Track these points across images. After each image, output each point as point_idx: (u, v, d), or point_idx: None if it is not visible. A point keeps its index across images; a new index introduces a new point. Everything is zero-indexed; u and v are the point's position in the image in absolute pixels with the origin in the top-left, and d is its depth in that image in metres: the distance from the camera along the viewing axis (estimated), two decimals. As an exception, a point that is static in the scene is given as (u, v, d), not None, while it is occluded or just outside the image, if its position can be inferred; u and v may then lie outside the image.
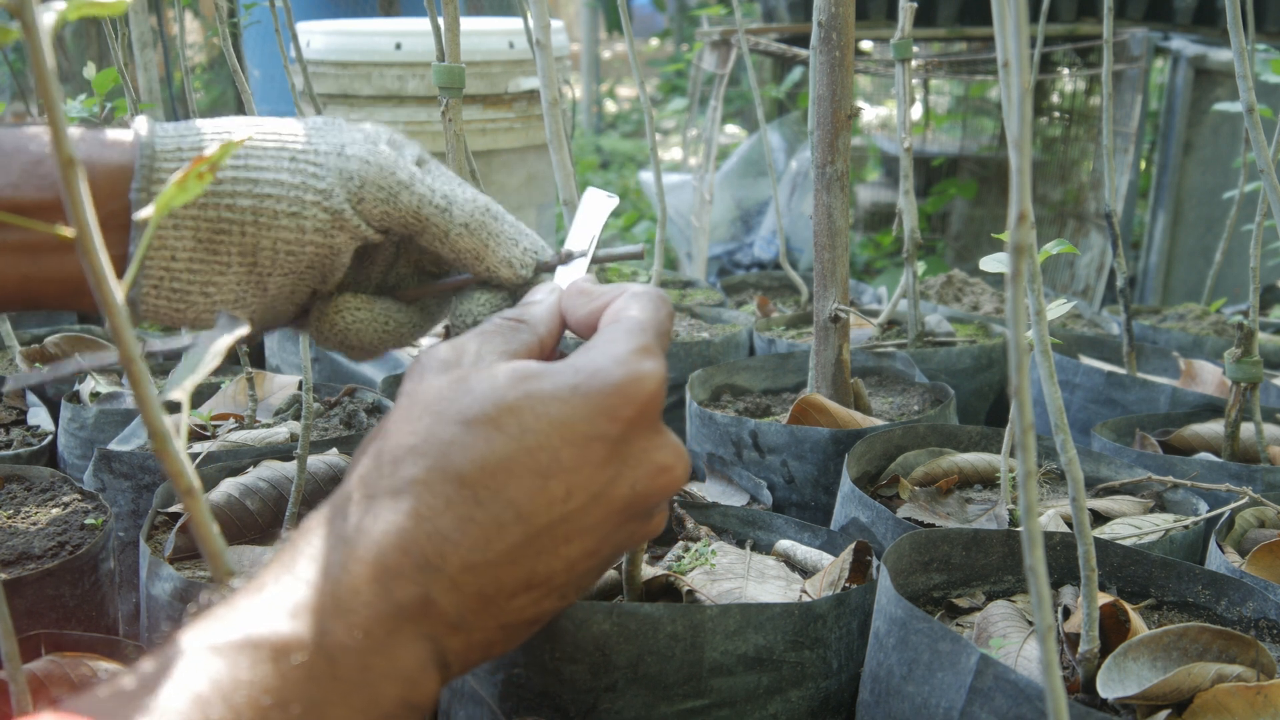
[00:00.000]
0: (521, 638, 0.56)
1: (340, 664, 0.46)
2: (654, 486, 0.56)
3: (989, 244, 3.17)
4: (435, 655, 0.51)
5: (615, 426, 0.54)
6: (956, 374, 1.50)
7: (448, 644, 0.51)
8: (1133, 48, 2.68)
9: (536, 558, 0.53)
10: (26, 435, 1.33)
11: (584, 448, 0.53)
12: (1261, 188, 1.01)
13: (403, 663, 0.49)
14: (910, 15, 1.41)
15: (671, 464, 0.57)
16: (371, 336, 0.67)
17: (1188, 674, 0.72)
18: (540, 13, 0.75)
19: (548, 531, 0.53)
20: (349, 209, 0.62)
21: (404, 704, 0.49)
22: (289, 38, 1.33)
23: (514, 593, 0.53)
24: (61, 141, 0.34)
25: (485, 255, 0.66)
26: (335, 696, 0.46)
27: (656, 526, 0.60)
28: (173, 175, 0.60)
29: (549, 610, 0.56)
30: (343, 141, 0.63)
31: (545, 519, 0.53)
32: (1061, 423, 0.71)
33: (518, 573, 0.52)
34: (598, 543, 0.55)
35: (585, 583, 0.57)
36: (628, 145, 6.19)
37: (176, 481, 0.41)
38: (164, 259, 0.61)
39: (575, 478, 0.53)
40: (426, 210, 0.64)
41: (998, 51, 0.49)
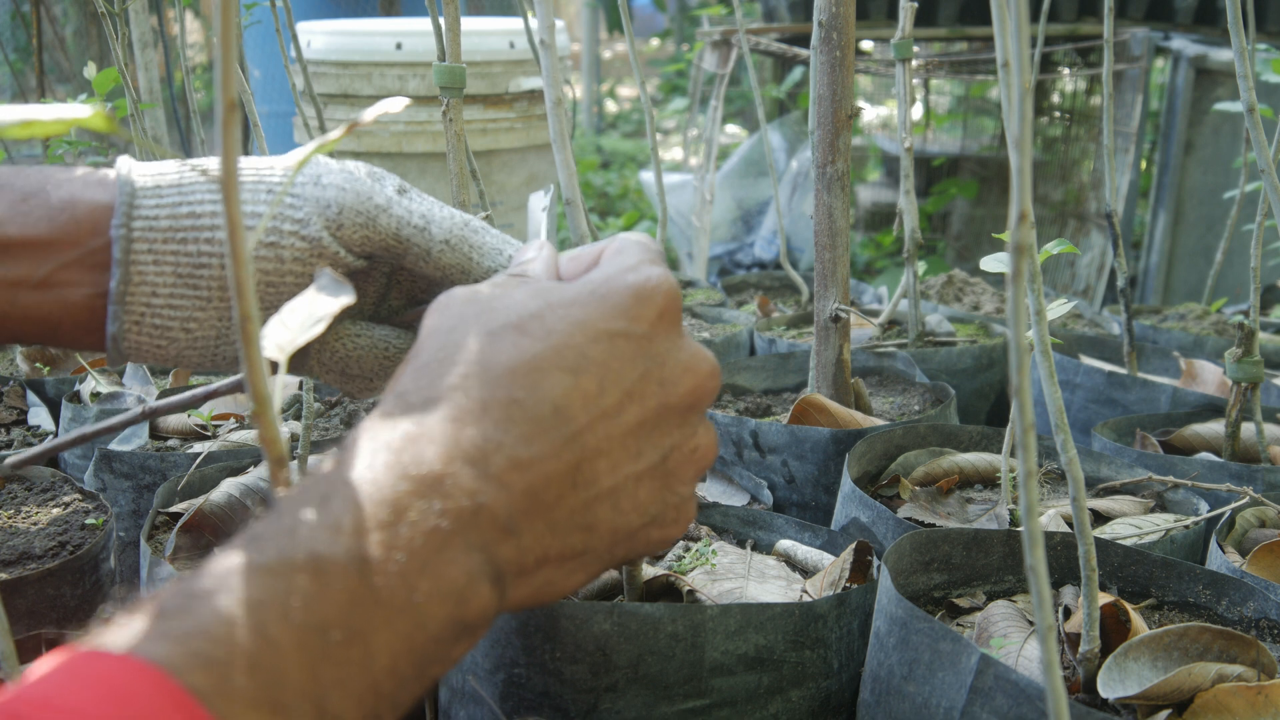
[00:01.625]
0: (575, 573, 0.54)
1: (382, 588, 0.44)
2: (684, 386, 0.55)
3: (990, 244, 3.17)
4: (487, 567, 0.49)
5: (638, 325, 0.54)
6: (957, 374, 1.50)
7: (500, 553, 0.49)
8: (1133, 47, 2.68)
9: (581, 455, 0.52)
10: (27, 435, 1.33)
11: (610, 344, 0.53)
12: (1262, 187, 1.01)
13: (451, 578, 0.47)
14: (911, 15, 1.41)
15: (698, 364, 0.56)
16: (372, 364, 0.68)
17: (1188, 674, 0.72)
18: (545, 13, 0.75)
19: (588, 429, 0.52)
20: (327, 236, 0.62)
21: (454, 623, 0.47)
22: (289, 38, 1.33)
23: (561, 491, 0.51)
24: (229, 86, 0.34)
25: (471, 268, 0.66)
26: (378, 622, 0.44)
27: (704, 449, 0.58)
28: (151, 209, 0.60)
29: (603, 524, 0.53)
30: (318, 172, 0.63)
31: (583, 416, 0.52)
32: (1062, 423, 0.71)
33: (563, 469, 0.51)
34: (639, 445, 0.54)
35: (637, 497, 0.55)
36: (628, 145, 6.19)
37: (269, 448, 0.42)
38: (145, 294, 0.61)
39: (605, 373, 0.53)
40: (406, 231, 0.64)
41: (998, 51, 0.49)
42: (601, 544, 0.54)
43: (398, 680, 0.45)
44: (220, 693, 0.38)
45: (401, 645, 0.45)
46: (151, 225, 0.61)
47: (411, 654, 0.45)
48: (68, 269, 0.60)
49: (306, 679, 0.41)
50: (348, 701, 0.42)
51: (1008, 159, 2.91)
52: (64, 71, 3.43)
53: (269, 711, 0.39)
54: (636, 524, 0.55)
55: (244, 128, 3.42)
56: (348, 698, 0.42)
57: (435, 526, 0.47)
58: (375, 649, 0.43)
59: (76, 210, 0.60)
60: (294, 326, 0.47)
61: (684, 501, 0.57)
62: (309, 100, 1.50)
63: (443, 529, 0.47)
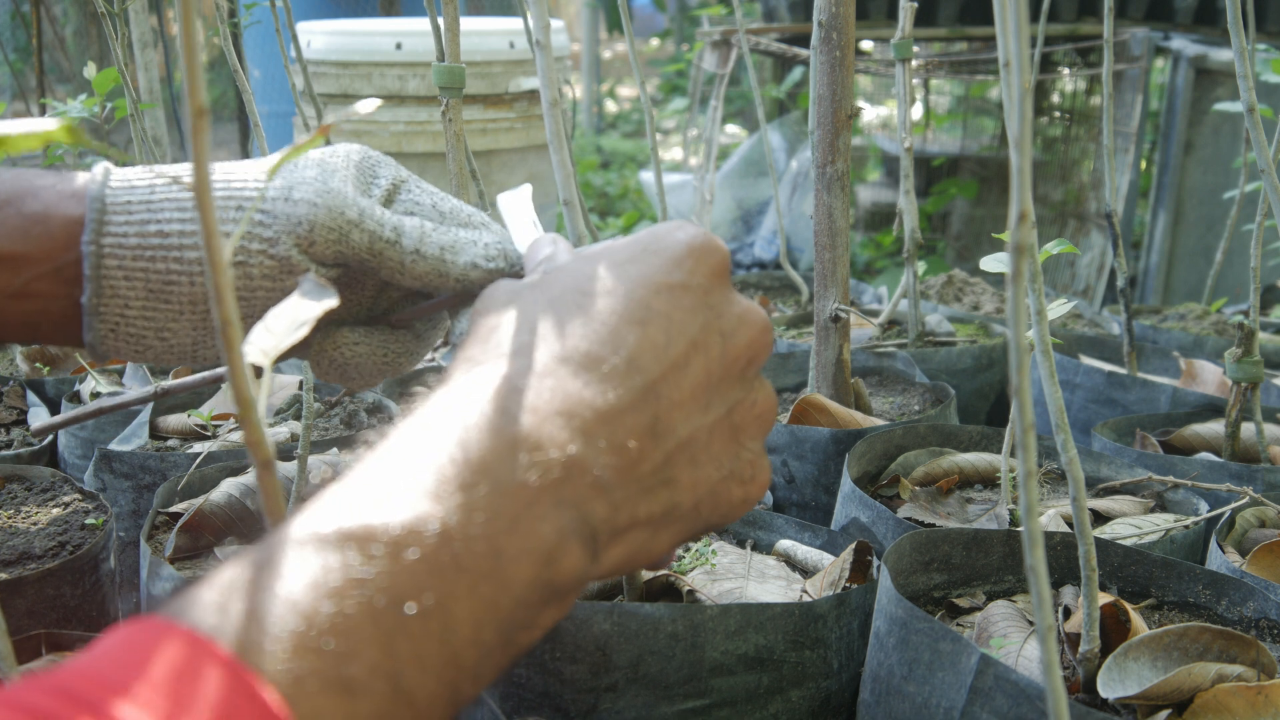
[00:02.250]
0: (663, 533, 0.52)
1: (464, 553, 0.42)
2: (742, 338, 0.55)
3: (989, 244, 3.17)
4: (578, 524, 0.46)
5: (695, 278, 0.54)
6: (957, 374, 1.50)
7: (593, 509, 0.47)
8: (1133, 47, 2.68)
9: (657, 406, 0.50)
10: (27, 435, 1.33)
11: (670, 296, 0.53)
12: (1262, 187, 1.01)
13: (541, 536, 0.44)
14: (911, 15, 1.41)
15: (752, 317, 0.56)
16: (371, 368, 0.67)
17: (1188, 674, 0.72)
18: (540, 13, 0.75)
19: (661, 380, 0.51)
20: (296, 254, 0.61)
21: (543, 586, 0.44)
22: (289, 38, 1.33)
23: (643, 445, 0.50)
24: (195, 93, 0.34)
25: (447, 269, 0.65)
26: (460, 589, 0.41)
27: (764, 405, 0.57)
28: (121, 226, 0.60)
29: (684, 478, 0.52)
30: (291, 184, 0.62)
31: (655, 367, 0.51)
32: (1062, 422, 0.71)
33: (644, 421, 0.50)
34: (707, 397, 0.53)
35: (712, 449, 0.54)
36: (628, 145, 6.19)
37: (256, 452, 0.40)
38: (118, 306, 0.61)
39: (670, 324, 0.52)
40: (379, 245, 0.63)
41: (998, 51, 0.49)
42: (686, 500, 0.53)
43: (481, 650, 0.42)
44: (289, 674, 0.37)
45: (485, 612, 0.42)
46: (120, 243, 0.61)
47: (496, 621, 0.43)
48: (42, 280, 0.61)
49: (381, 655, 0.39)
50: (426, 676, 0.40)
51: (1008, 159, 2.92)
52: (64, 71, 3.43)
53: (340, 691, 0.37)
54: (715, 478, 0.54)
55: (244, 128, 3.42)
56: (425, 672, 0.40)
57: (523, 482, 0.45)
58: (457, 619, 0.41)
59: (50, 224, 0.60)
60: (278, 331, 0.46)
61: (757, 458, 0.57)
62: (309, 100, 1.50)
63: (531, 485, 0.45)
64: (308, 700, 0.37)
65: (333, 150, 0.66)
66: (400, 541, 0.41)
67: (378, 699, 0.38)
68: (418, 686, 0.40)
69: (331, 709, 0.37)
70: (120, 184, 0.62)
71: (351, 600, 0.39)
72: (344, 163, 0.65)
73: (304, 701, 0.37)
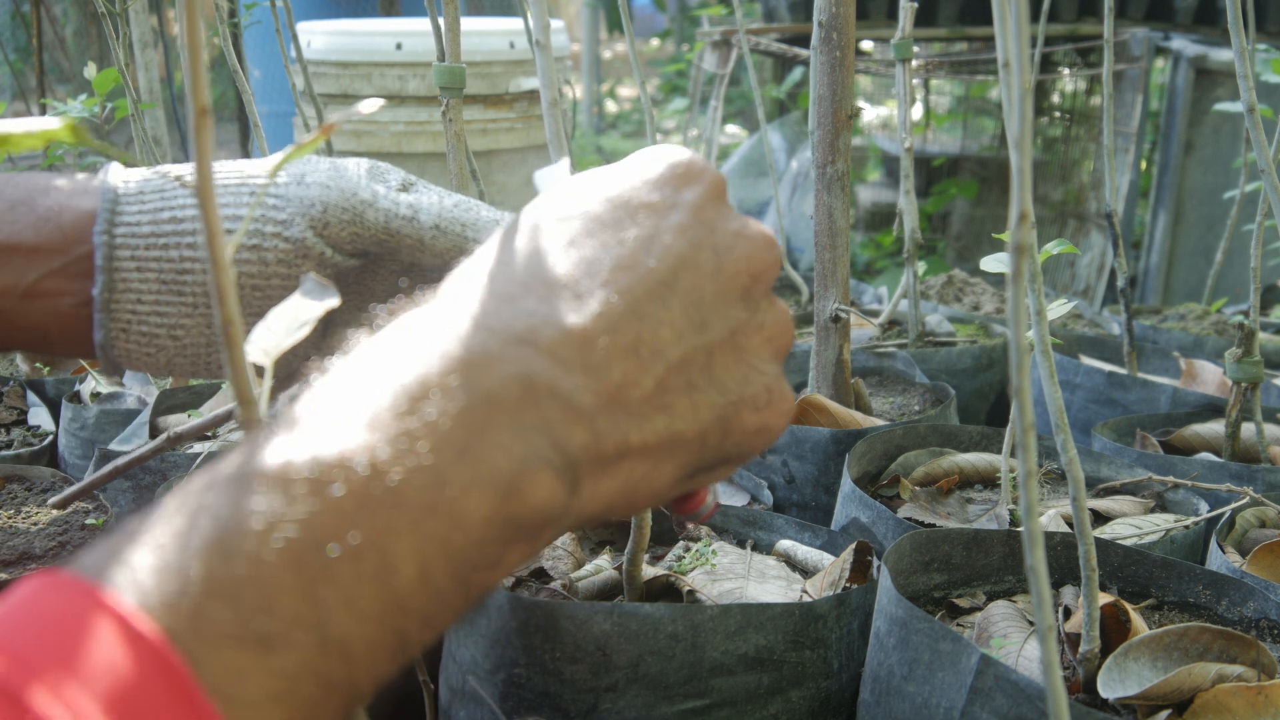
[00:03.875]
0: (663, 464, 0.47)
1: (403, 485, 0.38)
2: (738, 251, 0.51)
3: (990, 244, 3.17)
4: (548, 452, 0.42)
5: (682, 195, 0.50)
6: (957, 374, 1.50)
7: (568, 435, 0.42)
8: (1133, 48, 2.68)
9: (640, 325, 0.46)
10: (27, 435, 1.33)
11: (653, 213, 0.49)
12: (1262, 188, 1.01)
13: (494, 465, 0.40)
14: (911, 15, 1.42)
15: (751, 231, 0.52)
16: None
17: (1188, 674, 0.72)
18: (540, 13, 0.75)
19: (644, 297, 0.47)
20: (311, 236, 0.61)
21: (505, 521, 0.40)
22: (289, 38, 1.33)
23: (627, 367, 0.45)
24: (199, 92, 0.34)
25: (468, 246, 0.63)
26: (400, 525, 0.37)
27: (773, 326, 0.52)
28: (134, 215, 0.60)
29: (681, 403, 0.48)
30: (304, 171, 0.62)
31: (636, 285, 0.47)
32: (1062, 423, 0.71)
33: (624, 341, 0.45)
34: (701, 315, 0.49)
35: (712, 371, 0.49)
36: (629, 145, 6.19)
37: None
38: (130, 301, 0.61)
39: (651, 241, 0.48)
40: (395, 224, 0.62)
41: (998, 51, 0.49)
42: (688, 428, 0.48)
43: (431, 591, 0.38)
44: (196, 629, 0.34)
45: (434, 550, 0.38)
46: (134, 231, 0.60)
47: (448, 559, 0.39)
48: (53, 277, 0.60)
49: (302, 603, 0.35)
50: (362, 624, 0.36)
51: (1008, 159, 2.92)
52: (64, 71, 3.44)
53: (255, 645, 0.34)
54: (720, 403, 0.49)
55: (244, 128, 3.42)
56: (361, 619, 0.36)
57: (470, 405, 0.40)
58: (397, 558, 0.37)
59: (62, 218, 0.60)
60: (279, 331, 0.46)
61: (773, 382, 0.52)
62: (309, 100, 1.50)
63: (481, 409, 0.40)
64: (217, 655, 0.34)
65: (344, 159, 0.66)
66: (324, 477, 0.37)
67: (302, 651, 0.35)
68: (353, 635, 0.36)
69: (245, 664, 0.34)
70: (135, 176, 0.62)
71: (267, 545, 0.35)
72: (354, 164, 0.65)
73: (212, 657, 0.34)
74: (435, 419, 0.39)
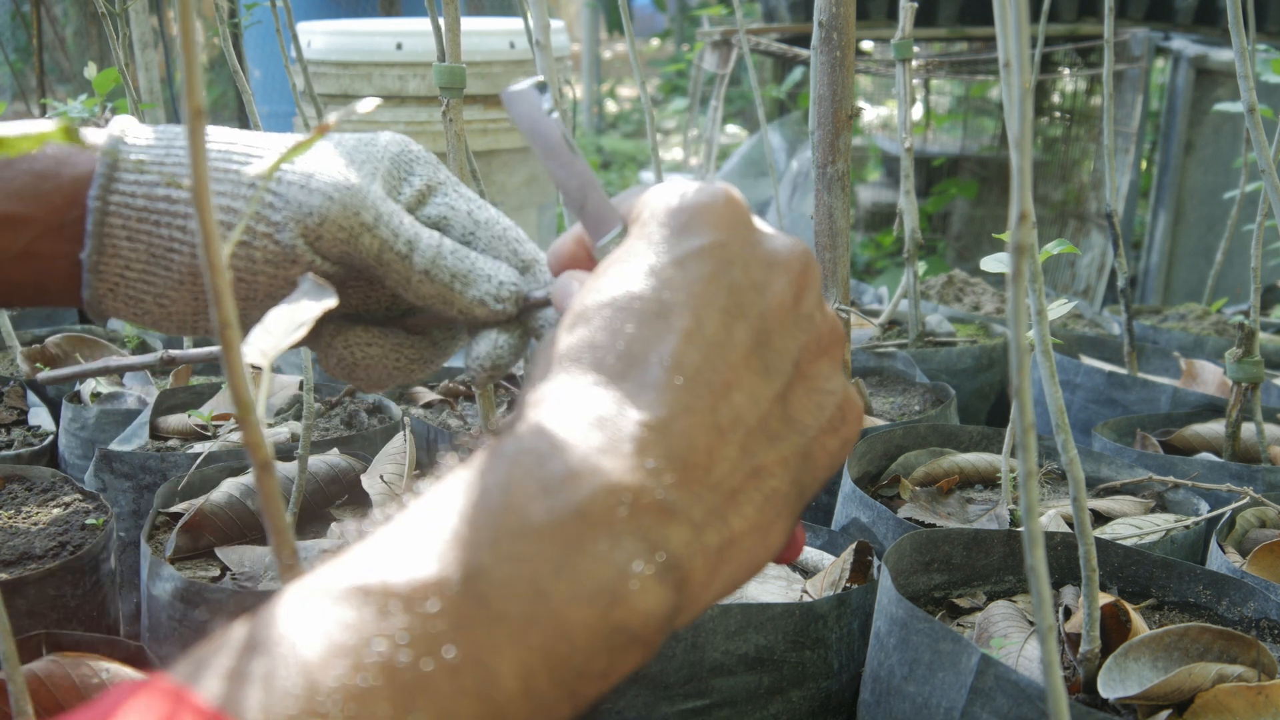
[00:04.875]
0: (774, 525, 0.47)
1: (500, 600, 0.38)
2: (777, 283, 0.49)
3: (990, 244, 3.17)
4: (649, 554, 0.41)
5: (700, 237, 0.48)
6: (957, 374, 1.50)
7: (666, 537, 0.42)
8: (1134, 48, 2.68)
9: (711, 396, 0.45)
10: (27, 435, 1.33)
11: (681, 270, 0.47)
12: (1262, 188, 1.01)
13: (595, 578, 0.40)
14: (911, 15, 1.41)
15: (783, 253, 0.49)
16: (381, 371, 0.65)
17: (1189, 674, 0.72)
18: (540, 13, 0.75)
19: (706, 367, 0.45)
20: (301, 244, 0.59)
21: (609, 630, 0.40)
22: (290, 38, 1.33)
23: (711, 443, 0.44)
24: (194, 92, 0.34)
25: (453, 299, 0.62)
26: (499, 640, 0.38)
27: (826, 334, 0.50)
28: (130, 186, 0.60)
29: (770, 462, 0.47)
30: (313, 171, 0.60)
31: (694, 355, 0.45)
32: (1062, 423, 0.71)
33: (700, 420, 0.44)
34: (763, 362, 0.47)
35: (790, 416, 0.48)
36: (629, 145, 6.19)
37: (255, 453, 0.39)
38: (118, 266, 0.60)
39: (692, 302, 0.46)
40: (388, 256, 0.60)
41: (999, 51, 0.49)
42: (782, 483, 0.47)
43: (534, 703, 0.39)
44: None
45: (538, 662, 0.38)
46: (128, 202, 0.60)
47: (552, 671, 0.39)
48: (46, 239, 0.60)
49: (399, 716, 0.36)
50: None
51: (1008, 159, 2.92)
52: (64, 72, 3.44)
53: None
54: (804, 443, 0.48)
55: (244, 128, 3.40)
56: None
57: (561, 522, 0.40)
58: (497, 672, 0.38)
59: (59, 179, 0.59)
60: (277, 332, 0.46)
61: (842, 397, 0.50)
62: (309, 100, 1.50)
63: (573, 523, 0.40)
64: None
65: (371, 138, 0.63)
66: (419, 595, 0.38)
67: None
68: None
69: None
70: (135, 143, 0.61)
71: (364, 658, 0.36)
72: (378, 155, 0.63)
73: None
74: (526, 540, 0.40)
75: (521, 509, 0.40)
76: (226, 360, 0.38)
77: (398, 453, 1.11)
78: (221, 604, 0.88)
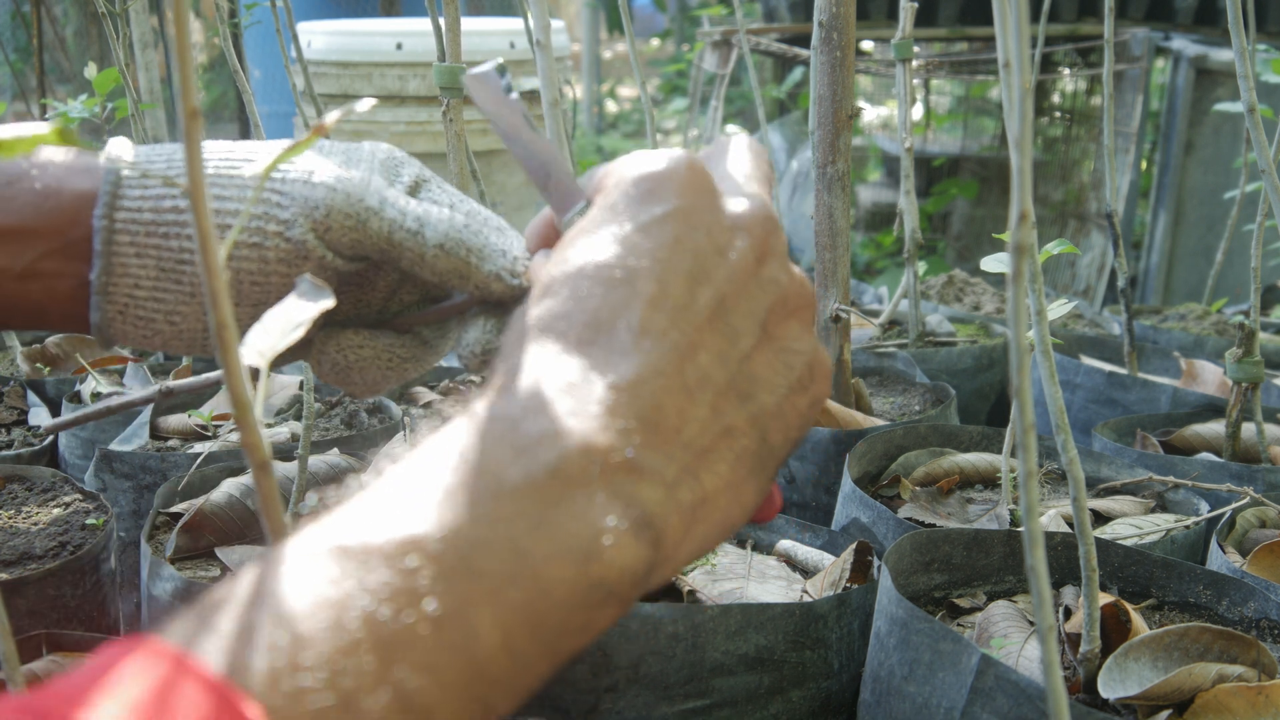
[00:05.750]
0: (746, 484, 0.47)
1: (480, 557, 0.39)
2: (739, 244, 0.49)
3: (990, 244, 3.17)
4: (624, 515, 0.42)
5: (663, 204, 0.48)
6: (957, 374, 1.50)
7: (640, 495, 0.43)
8: (1134, 48, 2.68)
9: (679, 358, 0.46)
10: (27, 435, 1.33)
11: (645, 238, 0.48)
12: (1262, 188, 1.01)
13: (573, 533, 0.41)
14: (911, 15, 1.42)
15: (745, 214, 0.50)
16: (375, 374, 0.65)
17: (1189, 674, 0.72)
18: (540, 13, 0.75)
19: (672, 329, 0.46)
20: (312, 239, 0.60)
21: (587, 586, 0.41)
22: (290, 38, 1.33)
23: (680, 404, 0.45)
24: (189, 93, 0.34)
25: (470, 273, 0.62)
26: (479, 595, 0.38)
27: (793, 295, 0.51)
28: (135, 200, 0.60)
29: (739, 421, 0.47)
30: (312, 168, 0.61)
31: (660, 319, 0.46)
32: (1062, 423, 0.71)
33: (668, 382, 0.45)
34: (729, 324, 0.48)
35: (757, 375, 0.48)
36: (629, 145, 6.19)
37: (253, 454, 0.39)
38: (127, 286, 0.60)
39: (657, 269, 0.47)
40: (399, 235, 0.61)
41: (999, 51, 0.49)
42: (751, 440, 0.48)
43: (515, 659, 0.40)
44: (280, 693, 0.35)
45: (517, 619, 0.39)
46: (135, 218, 0.59)
47: (532, 628, 0.40)
48: (50, 258, 0.59)
49: (384, 669, 0.36)
50: (443, 691, 0.37)
51: (1008, 159, 2.92)
52: (64, 72, 3.44)
53: (339, 711, 0.35)
54: (773, 402, 0.49)
55: (244, 128, 3.42)
56: (443, 686, 0.37)
57: (537, 482, 0.41)
58: (478, 627, 0.38)
59: (61, 198, 0.59)
60: (275, 332, 0.46)
61: (809, 353, 0.51)
62: (309, 100, 1.51)
63: (548, 483, 0.41)
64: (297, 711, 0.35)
65: (356, 146, 0.64)
66: (400, 551, 0.38)
67: (385, 716, 0.36)
68: (435, 703, 0.37)
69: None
70: (139, 157, 0.61)
71: (346, 613, 0.37)
72: (368, 155, 0.63)
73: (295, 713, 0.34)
74: (504, 499, 0.41)
75: (496, 472, 0.41)
76: (224, 361, 0.38)
77: (398, 453, 1.11)
78: (221, 604, 0.88)
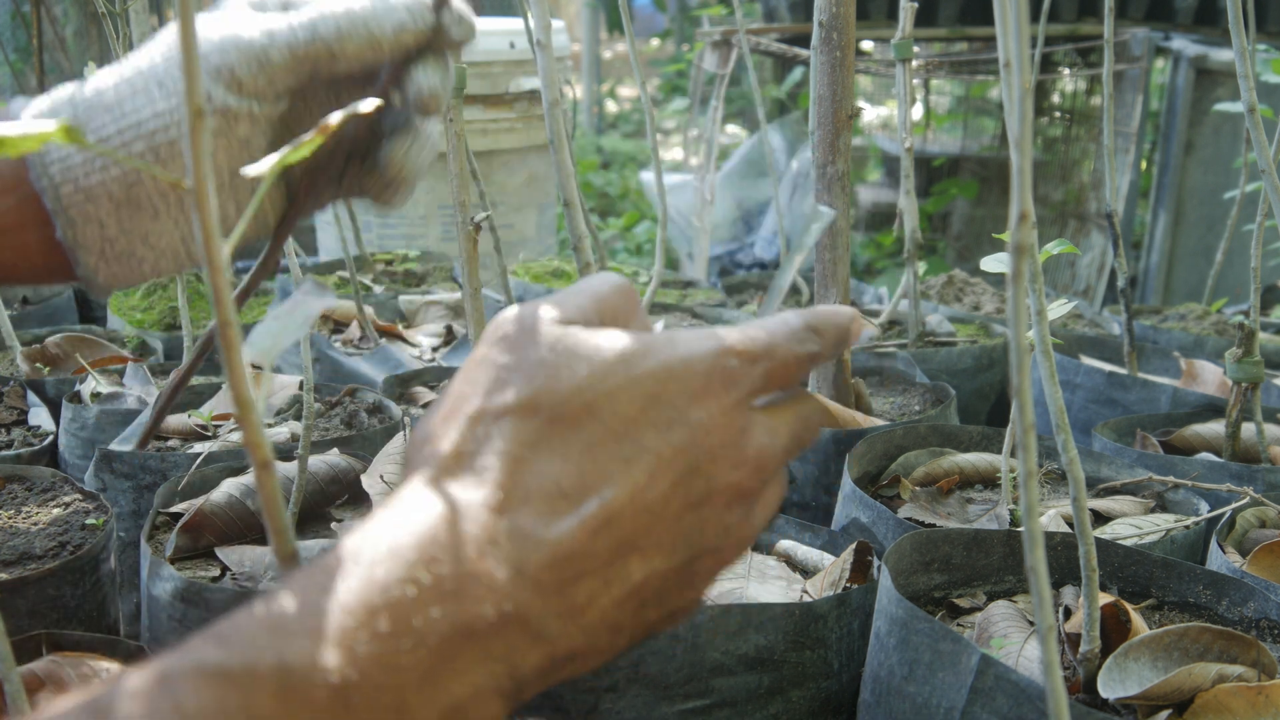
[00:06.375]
0: (605, 657, 0.47)
1: (360, 706, 0.38)
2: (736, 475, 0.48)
3: (990, 244, 3.17)
4: (505, 679, 0.42)
5: (693, 411, 0.47)
6: (957, 374, 1.50)
7: (524, 661, 0.43)
8: (1134, 48, 2.68)
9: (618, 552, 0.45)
10: (27, 435, 1.33)
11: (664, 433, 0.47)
12: (1262, 188, 1.01)
13: (451, 694, 0.41)
14: (911, 15, 1.42)
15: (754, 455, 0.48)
16: (422, 164, 0.65)
17: (1189, 674, 0.72)
18: (541, 13, 0.75)
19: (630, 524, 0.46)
20: (233, 99, 0.60)
21: None
22: (290, 38, 1.33)
23: (594, 592, 0.45)
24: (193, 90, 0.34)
25: (379, 40, 0.61)
26: None
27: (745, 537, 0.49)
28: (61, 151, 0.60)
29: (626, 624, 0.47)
30: (202, 53, 0.60)
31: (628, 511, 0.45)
32: (1062, 423, 0.71)
33: (598, 568, 0.45)
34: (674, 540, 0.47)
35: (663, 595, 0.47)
36: (629, 145, 6.19)
37: (255, 453, 0.38)
38: (94, 230, 0.61)
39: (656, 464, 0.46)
40: (300, 49, 0.61)
41: (999, 51, 0.49)
42: (622, 641, 0.48)
43: None
44: None
45: None
46: (67, 165, 0.60)
47: None
48: (7, 215, 0.60)
49: None
50: None
51: (1008, 159, 2.92)
52: (64, 71, 3.43)
53: None
54: (654, 618, 0.48)
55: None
56: None
57: (444, 635, 0.41)
58: None
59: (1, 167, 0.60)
60: (278, 332, 0.46)
61: (695, 597, 0.50)
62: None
63: (456, 639, 0.41)
64: None
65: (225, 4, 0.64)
66: (288, 687, 0.37)
67: None
68: None
69: None
70: (45, 108, 0.61)
71: None
72: (235, 7, 0.63)
73: None
74: (404, 647, 0.40)
75: (410, 611, 0.40)
76: (226, 360, 0.38)
77: (398, 453, 1.11)
78: (221, 604, 0.88)
